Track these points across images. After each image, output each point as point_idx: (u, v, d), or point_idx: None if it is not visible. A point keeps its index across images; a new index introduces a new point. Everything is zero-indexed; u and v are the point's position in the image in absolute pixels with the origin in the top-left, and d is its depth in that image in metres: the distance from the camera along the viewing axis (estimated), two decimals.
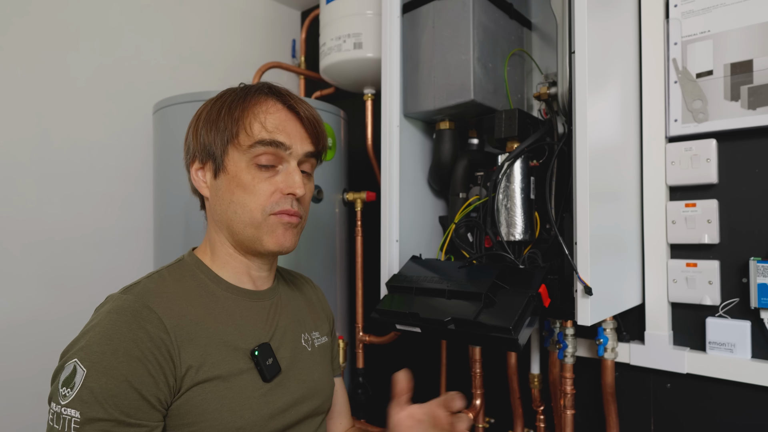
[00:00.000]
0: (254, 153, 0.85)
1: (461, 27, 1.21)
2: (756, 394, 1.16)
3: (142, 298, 0.79)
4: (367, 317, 1.70)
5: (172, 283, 0.85)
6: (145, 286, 0.82)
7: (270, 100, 0.88)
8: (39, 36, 1.57)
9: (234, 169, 0.85)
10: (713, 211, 1.19)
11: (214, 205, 0.89)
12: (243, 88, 0.90)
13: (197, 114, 0.91)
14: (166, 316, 0.77)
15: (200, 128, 0.88)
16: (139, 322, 0.75)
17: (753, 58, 1.14)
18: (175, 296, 0.82)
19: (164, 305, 0.79)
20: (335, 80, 1.79)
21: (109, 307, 0.77)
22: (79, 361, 0.71)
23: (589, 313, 1.01)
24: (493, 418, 1.61)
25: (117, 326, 0.74)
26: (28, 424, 1.50)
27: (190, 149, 0.90)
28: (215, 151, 0.86)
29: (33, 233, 1.55)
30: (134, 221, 1.77)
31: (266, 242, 0.87)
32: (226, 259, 0.90)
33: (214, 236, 0.91)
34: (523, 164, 1.18)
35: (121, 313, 0.75)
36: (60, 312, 1.59)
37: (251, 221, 0.85)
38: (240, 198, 0.85)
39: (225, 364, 0.80)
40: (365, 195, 1.70)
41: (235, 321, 0.86)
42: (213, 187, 0.88)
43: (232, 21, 2.10)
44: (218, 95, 0.91)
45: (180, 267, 0.89)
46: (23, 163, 1.53)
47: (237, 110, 0.86)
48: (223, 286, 0.88)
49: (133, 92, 1.77)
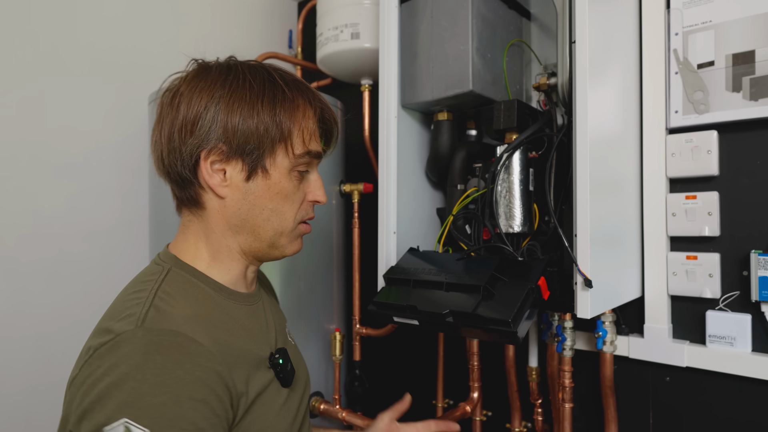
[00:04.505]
0: (301, 162, 0.79)
1: (460, 17, 1.20)
2: (756, 388, 1.15)
3: (176, 328, 0.67)
4: (364, 310, 1.69)
5: (183, 301, 0.73)
6: (165, 312, 0.69)
7: (313, 107, 0.81)
8: (34, 25, 1.54)
9: (277, 175, 0.77)
10: (714, 204, 1.18)
11: (238, 208, 0.78)
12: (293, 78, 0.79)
13: (220, 87, 0.75)
14: (210, 344, 0.67)
15: (235, 111, 0.74)
16: (192, 358, 0.64)
17: (755, 49, 1.13)
18: (198, 317, 0.71)
19: (199, 331, 0.68)
20: (332, 71, 1.77)
21: (141, 347, 0.63)
22: (132, 421, 0.59)
23: (588, 306, 1.00)
24: (491, 411, 1.61)
25: (167, 369, 0.62)
26: (22, 415, 1.50)
27: (207, 134, 0.74)
28: (256, 150, 0.75)
29: (27, 224, 1.53)
30: (129, 212, 1.75)
31: (288, 250, 0.84)
32: (230, 264, 0.82)
33: (220, 239, 0.80)
34: (522, 156, 1.16)
35: (165, 353, 0.63)
36: (55, 303, 1.58)
37: (283, 229, 0.80)
38: (278, 205, 0.79)
39: (256, 378, 0.75)
40: (362, 186, 1.69)
41: (247, 330, 0.80)
42: (239, 188, 0.77)
43: (229, 11, 2.07)
44: (240, 74, 0.76)
45: (175, 278, 0.77)
46: (19, 155, 1.51)
47: (297, 104, 0.77)
48: (224, 294, 0.80)
49: (129, 82, 1.75)
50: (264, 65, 0.82)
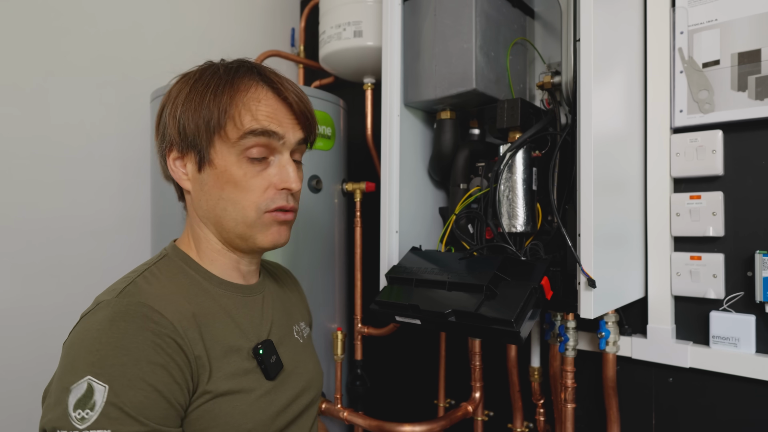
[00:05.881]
0: (244, 145, 0.78)
1: (463, 15, 1.19)
2: (760, 389, 1.14)
3: (146, 300, 0.72)
4: (365, 309, 1.68)
5: (166, 281, 0.79)
6: (142, 287, 0.75)
7: (260, 85, 0.80)
8: (35, 23, 1.54)
9: (222, 163, 0.78)
10: (718, 204, 1.17)
11: (199, 200, 0.82)
12: (227, 68, 0.81)
13: (172, 93, 0.81)
14: (175, 319, 0.72)
15: (179, 113, 0.79)
16: (152, 327, 0.69)
17: (761, 48, 1.12)
18: (175, 296, 0.77)
19: (169, 307, 0.74)
20: (335, 69, 1.76)
21: (109, 314, 0.70)
22: (93, 378, 0.64)
23: (592, 306, 1.00)
24: (493, 411, 1.60)
25: (129, 334, 0.68)
26: (24, 412, 1.50)
27: (166, 136, 0.81)
28: (199, 143, 0.78)
29: (29, 222, 1.53)
30: (131, 210, 1.75)
31: (260, 240, 0.82)
32: (214, 256, 0.85)
33: (198, 232, 0.85)
34: (525, 155, 1.16)
35: (129, 320, 0.69)
36: (56, 301, 1.57)
37: (243, 219, 0.80)
38: (231, 195, 0.79)
39: (230, 364, 0.77)
40: (365, 185, 1.68)
41: (234, 319, 0.82)
42: (197, 180, 0.81)
43: (231, 9, 2.07)
44: (197, 72, 0.81)
45: (168, 263, 0.83)
46: (19, 152, 1.51)
47: (224, 96, 0.77)
48: (215, 282, 0.83)
49: (131, 80, 1.75)
50: (238, 61, 0.84)
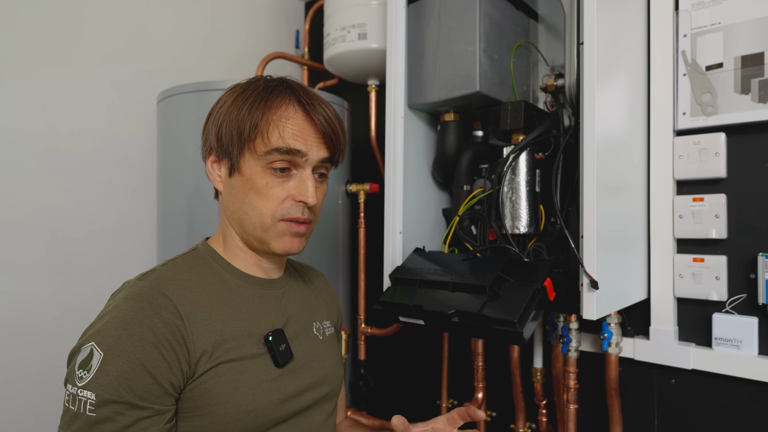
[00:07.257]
0: (269, 159, 0.84)
1: (467, 17, 1.20)
2: (762, 391, 1.14)
3: (158, 284, 0.80)
4: (369, 309, 1.69)
5: (186, 270, 0.86)
6: (160, 273, 0.84)
7: (291, 104, 0.86)
8: (43, 26, 1.56)
9: (249, 171, 0.86)
10: (721, 206, 1.18)
11: (227, 201, 0.89)
12: (266, 85, 0.88)
13: (219, 102, 0.90)
14: (180, 303, 0.79)
15: (220, 123, 0.87)
16: (155, 308, 0.76)
17: (764, 51, 1.13)
18: (189, 283, 0.83)
19: (179, 292, 0.80)
20: (339, 71, 1.77)
21: (126, 293, 0.79)
22: (96, 345, 0.73)
23: (594, 308, 1.00)
24: (495, 411, 1.61)
25: (133, 312, 0.76)
26: (30, 410, 1.51)
27: (207, 141, 0.90)
28: (231, 151, 0.86)
29: (37, 223, 1.54)
30: (138, 211, 1.76)
31: (273, 246, 0.88)
32: (237, 252, 0.91)
33: (225, 229, 0.92)
34: (529, 157, 1.16)
35: (138, 299, 0.77)
36: (63, 301, 1.59)
37: (261, 224, 0.86)
38: (252, 200, 0.86)
39: (238, 348, 0.82)
40: (368, 187, 1.69)
41: (249, 308, 0.87)
42: (227, 184, 0.89)
43: (236, 11, 2.08)
44: (244, 85, 0.89)
45: (194, 255, 0.91)
46: (27, 153, 1.53)
47: (257, 113, 0.84)
48: (235, 275, 0.90)
49: (137, 82, 1.76)
50: (279, 79, 0.91)
